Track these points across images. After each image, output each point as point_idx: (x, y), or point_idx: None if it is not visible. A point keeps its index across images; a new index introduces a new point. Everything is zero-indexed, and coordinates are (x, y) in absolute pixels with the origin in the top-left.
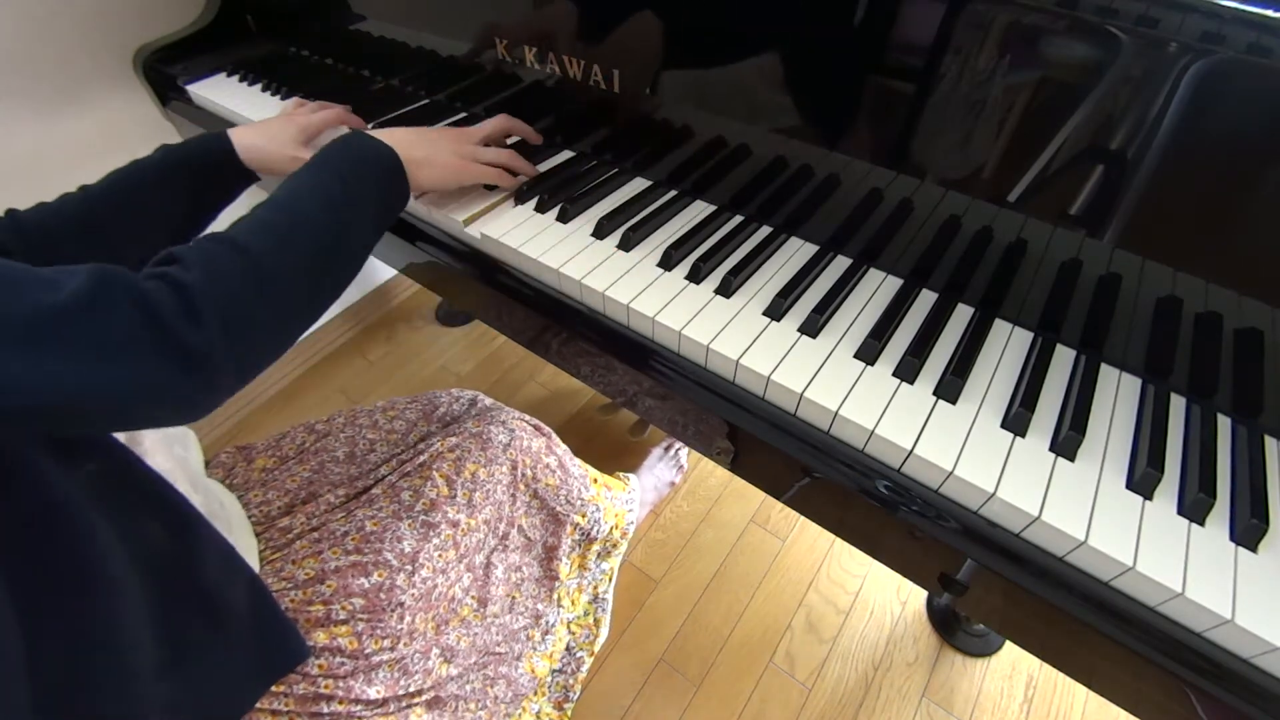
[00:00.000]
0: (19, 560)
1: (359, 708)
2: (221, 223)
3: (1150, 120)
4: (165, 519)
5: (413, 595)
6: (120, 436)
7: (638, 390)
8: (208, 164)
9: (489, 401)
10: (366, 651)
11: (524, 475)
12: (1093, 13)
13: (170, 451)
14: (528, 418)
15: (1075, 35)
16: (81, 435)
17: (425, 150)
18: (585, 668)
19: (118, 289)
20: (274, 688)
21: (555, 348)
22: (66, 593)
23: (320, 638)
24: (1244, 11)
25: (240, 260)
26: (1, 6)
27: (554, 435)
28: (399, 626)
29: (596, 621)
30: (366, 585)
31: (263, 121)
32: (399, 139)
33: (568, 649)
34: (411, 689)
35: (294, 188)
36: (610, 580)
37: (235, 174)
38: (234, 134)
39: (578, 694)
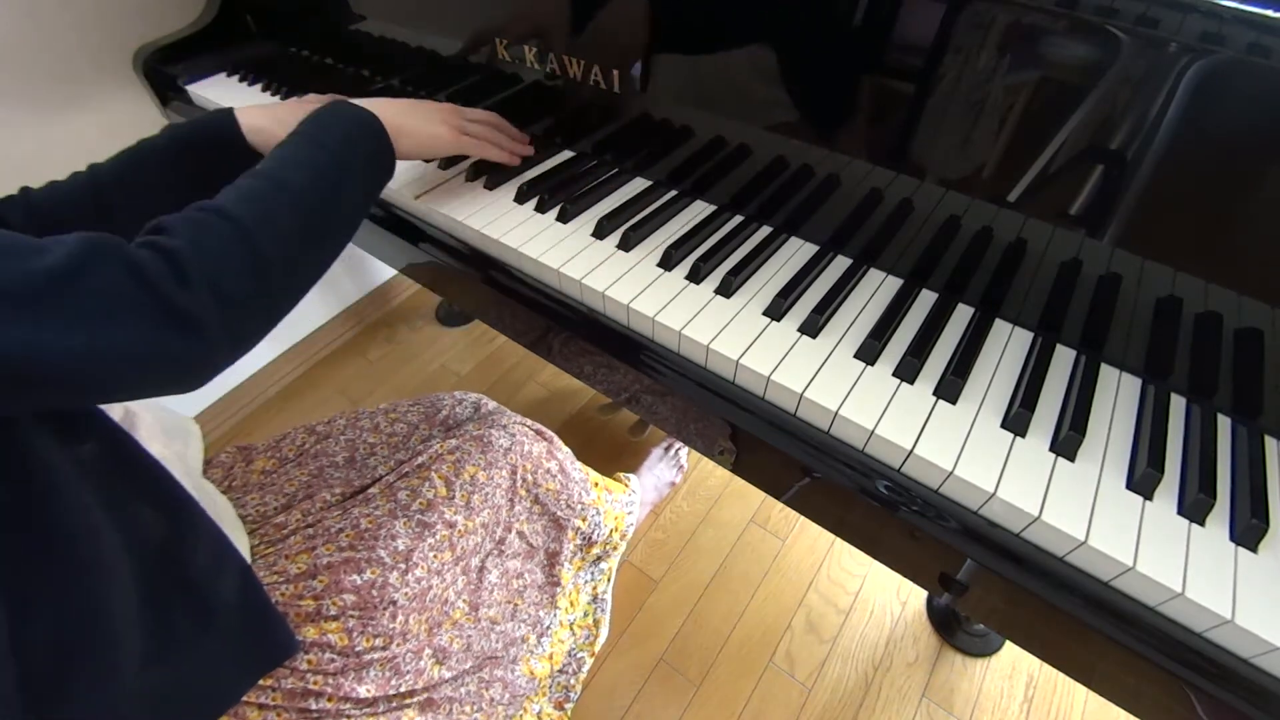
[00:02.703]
0: (8, 539)
1: (348, 706)
2: None
3: (1150, 120)
4: (159, 505)
5: (406, 594)
6: (115, 416)
7: (640, 390)
8: (215, 144)
9: (493, 405)
10: (357, 649)
11: (524, 480)
12: (1093, 13)
13: (168, 443)
14: (529, 422)
15: (1075, 35)
16: (78, 412)
17: (412, 119)
18: (585, 668)
19: (107, 253)
20: (262, 682)
21: (557, 348)
22: (56, 575)
23: (310, 633)
24: (1244, 11)
25: (227, 227)
26: (1, 6)
27: (556, 439)
28: (391, 625)
29: (596, 622)
30: (359, 581)
31: (268, 105)
32: (383, 107)
33: (569, 650)
34: (403, 689)
35: (279, 157)
36: (609, 580)
37: (240, 154)
38: (240, 114)
39: (578, 694)
